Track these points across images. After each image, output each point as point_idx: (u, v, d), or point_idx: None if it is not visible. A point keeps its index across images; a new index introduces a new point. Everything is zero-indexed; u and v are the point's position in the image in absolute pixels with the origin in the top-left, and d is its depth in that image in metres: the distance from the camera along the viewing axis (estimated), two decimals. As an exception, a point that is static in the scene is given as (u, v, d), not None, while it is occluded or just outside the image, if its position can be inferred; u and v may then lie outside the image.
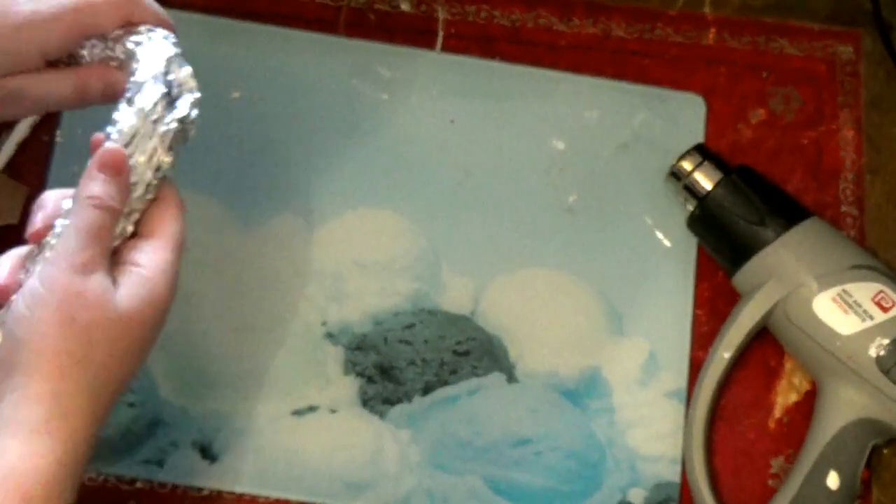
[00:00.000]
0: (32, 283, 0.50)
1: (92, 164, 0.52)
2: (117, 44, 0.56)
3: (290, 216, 0.71)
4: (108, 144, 0.53)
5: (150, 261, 0.52)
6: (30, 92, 0.56)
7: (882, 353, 0.64)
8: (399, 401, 0.68)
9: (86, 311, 0.49)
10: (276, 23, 0.74)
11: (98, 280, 0.50)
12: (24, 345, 0.49)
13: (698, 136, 0.74)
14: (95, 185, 0.52)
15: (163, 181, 0.54)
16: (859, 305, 0.65)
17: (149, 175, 0.53)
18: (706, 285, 0.71)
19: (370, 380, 0.68)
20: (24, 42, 0.55)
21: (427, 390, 0.68)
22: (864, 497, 0.68)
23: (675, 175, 0.70)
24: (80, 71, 0.57)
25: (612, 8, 0.76)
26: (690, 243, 0.72)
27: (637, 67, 0.75)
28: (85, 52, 0.56)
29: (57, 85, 0.57)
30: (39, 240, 0.53)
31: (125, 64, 0.56)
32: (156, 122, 0.54)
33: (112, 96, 0.56)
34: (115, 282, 0.51)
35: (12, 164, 0.71)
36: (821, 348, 0.65)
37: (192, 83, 0.56)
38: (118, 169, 0.52)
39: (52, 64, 0.56)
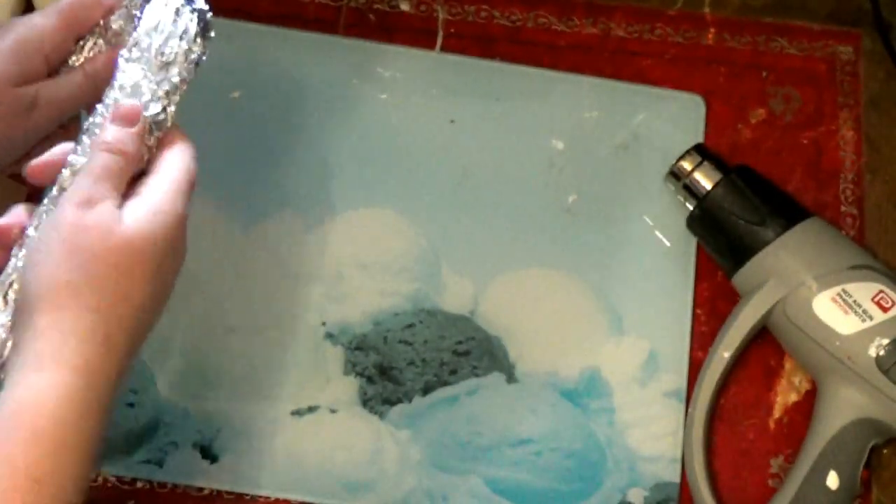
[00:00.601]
0: (43, 226, 0.51)
1: (107, 117, 0.54)
2: (110, 21, 0.58)
3: (289, 216, 0.71)
4: (126, 101, 0.55)
5: (153, 188, 0.53)
6: (45, 94, 0.57)
7: (882, 353, 0.64)
8: (399, 401, 0.68)
9: (87, 240, 0.50)
10: (276, 23, 0.74)
11: (100, 210, 0.51)
12: (30, 283, 0.50)
13: (698, 136, 0.74)
14: (107, 132, 0.53)
15: (171, 128, 0.56)
16: (859, 305, 0.65)
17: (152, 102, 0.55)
18: (706, 285, 0.71)
19: (370, 380, 0.68)
20: (27, 52, 0.57)
21: (427, 390, 0.68)
22: (864, 497, 0.68)
23: (675, 175, 0.70)
24: (85, 62, 0.59)
25: (612, 8, 0.76)
26: (690, 243, 0.72)
27: (637, 67, 0.75)
28: (86, 47, 0.59)
29: (68, 81, 0.58)
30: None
31: (128, 29, 0.58)
32: (165, 39, 0.56)
33: None
34: (121, 213, 0.52)
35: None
36: (820, 348, 0.65)
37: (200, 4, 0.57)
38: (132, 121, 0.54)
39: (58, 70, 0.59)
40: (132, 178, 0.54)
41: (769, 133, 0.75)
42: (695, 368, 0.69)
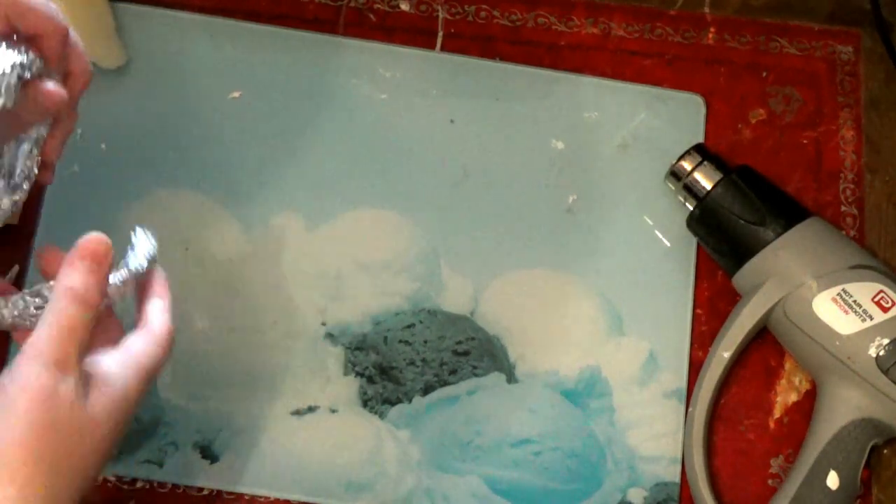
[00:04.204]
0: (3, 378, 0.48)
1: (74, 252, 0.51)
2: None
3: (290, 216, 0.71)
4: (92, 234, 0.51)
5: (119, 377, 0.51)
6: None
7: (882, 353, 0.64)
8: (399, 401, 0.68)
9: (59, 414, 0.48)
10: (276, 23, 0.74)
11: (72, 382, 0.48)
12: None
13: (698, 136, 0.74)
14: (71, 276, 0.50)
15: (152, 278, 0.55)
16: (859, 305, 0.65)
17: None
18: (706, 285, 0.71)
19: (370, 380, 0.68)
20: None
21: (427, 390, 0.68)
22: (864, 497, 0.68)
23: (675, 175, 0.70)
24: None
25: (612, 8, 0.76)
26: (690, 243, 0.72)
27: (637, 67, 0.75)
28: None
29: None
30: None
31: None
32: None
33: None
34: (84, 386, 0.50)
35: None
36: (821, 348, 0.65)
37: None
38: (99, 261, 0.51)
39: None
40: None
41: (769, 133, 0.75)
42: (695, 368, 0.69)
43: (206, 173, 0.71)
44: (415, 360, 0.69)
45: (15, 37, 0.51)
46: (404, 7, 0.76)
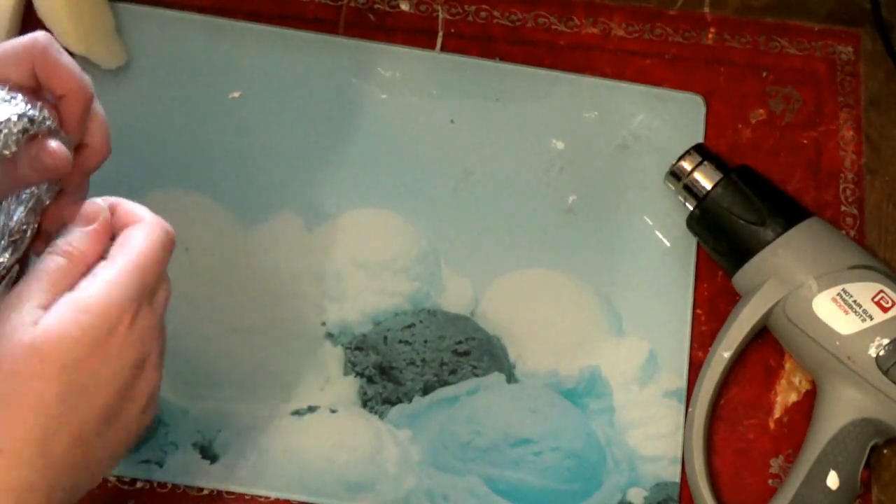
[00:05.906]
0: None
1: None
2: None
3: (289, 216, 0.71)
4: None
5: (89, 281, 0.50)
6: None
7: (882, 353, 0.64)
8: (399, 401, 0.68)
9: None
10: (276, 23, 0.74)
11: (23, 309, 0.48)
12: None
13: (698, 136, 0.74)
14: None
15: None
16: (859, 305, 0.65)
17: None
18: (706, 285, 0.71)
19: (370, 380, 0.68)
20: None
21: (427, 390, 0.68)
22: (864, 497, 0.68)
23: (675, 175, 0.70)
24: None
25: (612, 8, 0.76)
26: (690, 243, 0.72)
27: (637, 67, 0.75)
28: None
29: None
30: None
31: None
32: None
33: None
34: (45, 313, 0.49)
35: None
36: (821, 348, 0.65)
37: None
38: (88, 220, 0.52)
39: None
40: None
41: (769, 133, 0.75)
42: (695, 368, 0.69)
43: (207, 173, 0.71)
44: (415, 360, 0.69)
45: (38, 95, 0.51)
46: (404, 7, 0.76)
